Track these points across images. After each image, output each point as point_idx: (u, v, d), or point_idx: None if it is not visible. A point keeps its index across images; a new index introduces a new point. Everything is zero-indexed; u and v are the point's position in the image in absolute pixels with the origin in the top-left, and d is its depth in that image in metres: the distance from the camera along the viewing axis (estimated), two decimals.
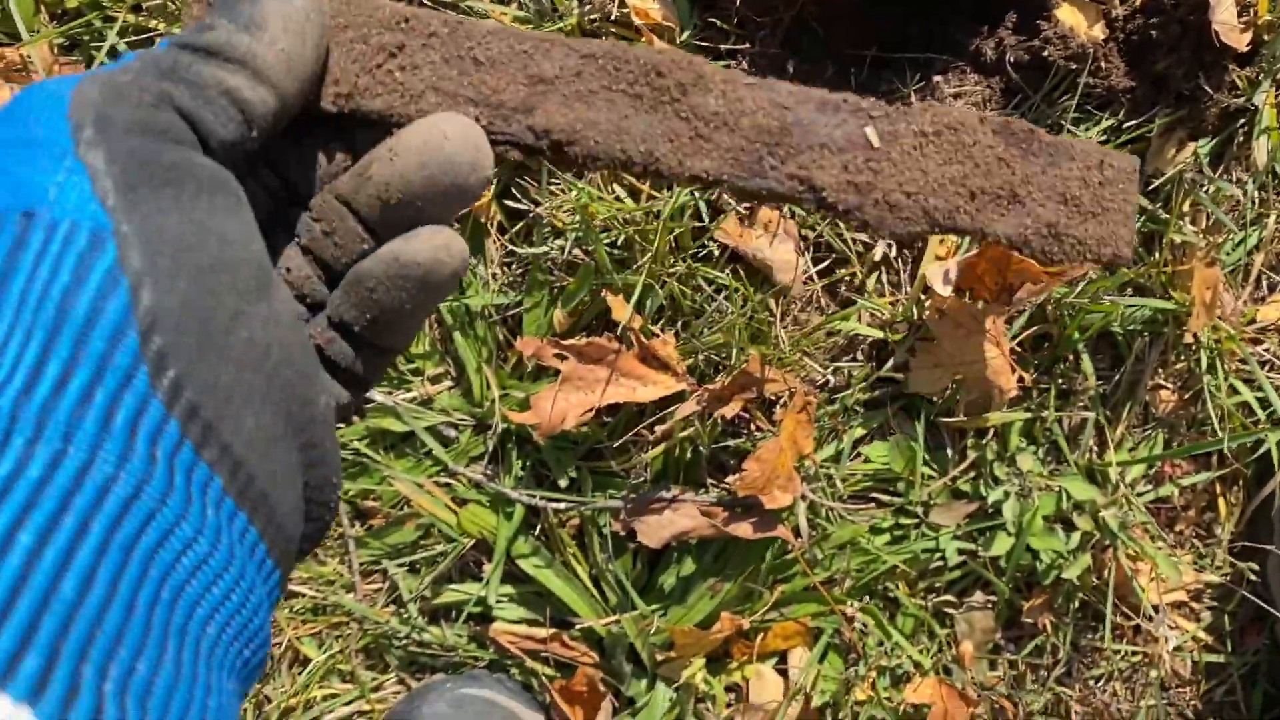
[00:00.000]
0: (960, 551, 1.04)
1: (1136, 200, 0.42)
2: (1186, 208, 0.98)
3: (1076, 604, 1.05)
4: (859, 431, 1.04)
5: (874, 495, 1.06)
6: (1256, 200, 1.00)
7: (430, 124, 0.37)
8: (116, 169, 0.30)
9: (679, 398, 1.01)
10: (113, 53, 1.01)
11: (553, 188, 0.99)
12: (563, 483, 1.02)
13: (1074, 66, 0.95)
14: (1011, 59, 0.97)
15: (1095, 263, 0.42)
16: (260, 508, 0.32)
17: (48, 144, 0.31)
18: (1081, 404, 1.04)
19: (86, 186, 0.30)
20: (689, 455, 1.04)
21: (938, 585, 1.07)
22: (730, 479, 1.02)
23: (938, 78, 1.00)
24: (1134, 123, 0.97)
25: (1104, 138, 0.97)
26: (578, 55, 0.40)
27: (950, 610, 1.07)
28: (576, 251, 1.00)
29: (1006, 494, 1.02)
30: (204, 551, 0.30)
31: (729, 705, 1.09)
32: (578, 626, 1.04)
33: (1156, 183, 0.97)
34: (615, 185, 1.00)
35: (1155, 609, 1.03)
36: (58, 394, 0.28)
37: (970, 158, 0.40)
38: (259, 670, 0.34)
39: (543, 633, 1.04)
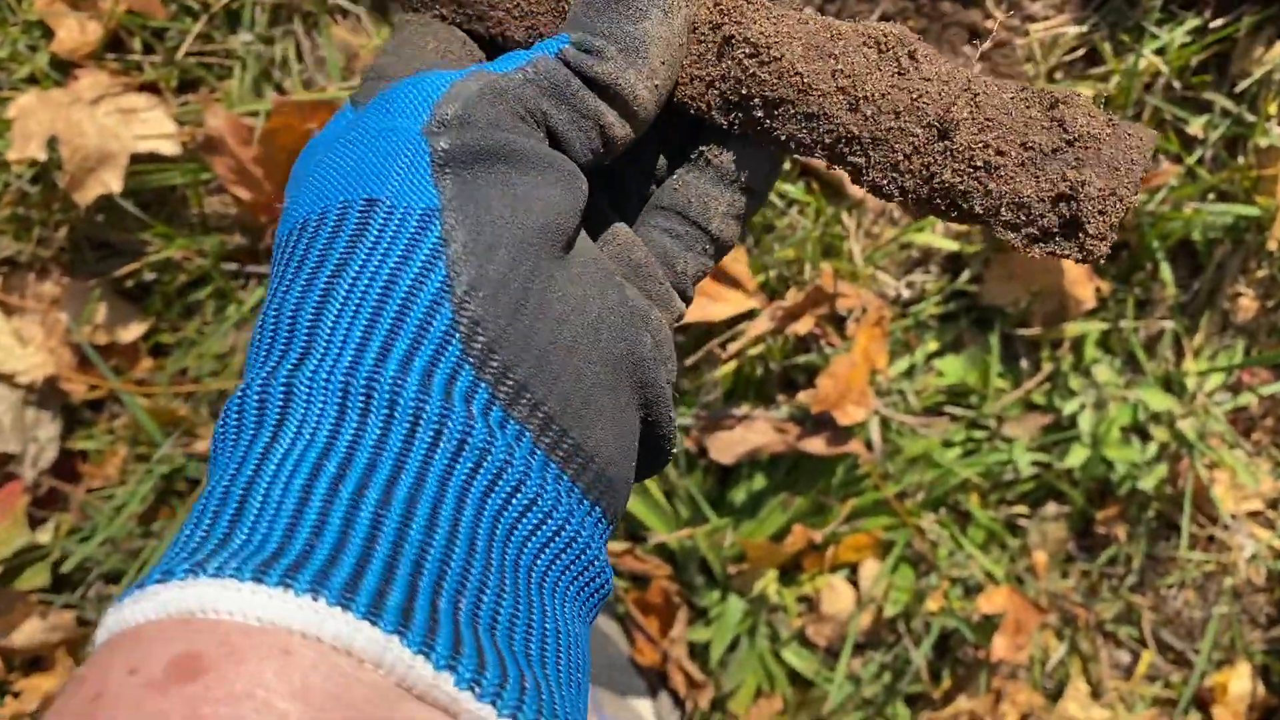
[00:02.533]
0: (1034, 464, 1.04)
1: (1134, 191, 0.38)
2: (1274, 110, 0.96)
3: (1151, 514, 1.05)
4: (932, 345, 1.04)
5: (947, 409, 1.06)
6: None
7: None
8: (459, 152, 0.33)
9: (750, 315, 1.01)
10: None
11: None
12: None
13: None
14: None
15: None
16: (575, 456, 0.34)
17: (405, 131, 0.34)
18: (1160, 314, 1.02)
19: (426, 171, 0.33)
20: (760, 372, 1.04)
21: (1009, 498, 1.07)
22: (802, 395, 1.02)
23: None
24: (1220, 22, 0.94)
25: (1188, 39, 0.94)
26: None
27: (1022, 522, 1.08)
28: None
29: (1082, 405, 1.01)
30: (531, 494, 0.32)
31: (800, 615, 1.10)
32: (651, 541, 1.06)
33: (1244, 84, 0.94)
34: None
35: (1232, 517, 1.03)
36: (379, 364, 0.31)
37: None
38: (602, 597, 0.36)
39: (618, 546, 1.06)
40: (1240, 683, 1.09)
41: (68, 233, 1.10)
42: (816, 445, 1.02)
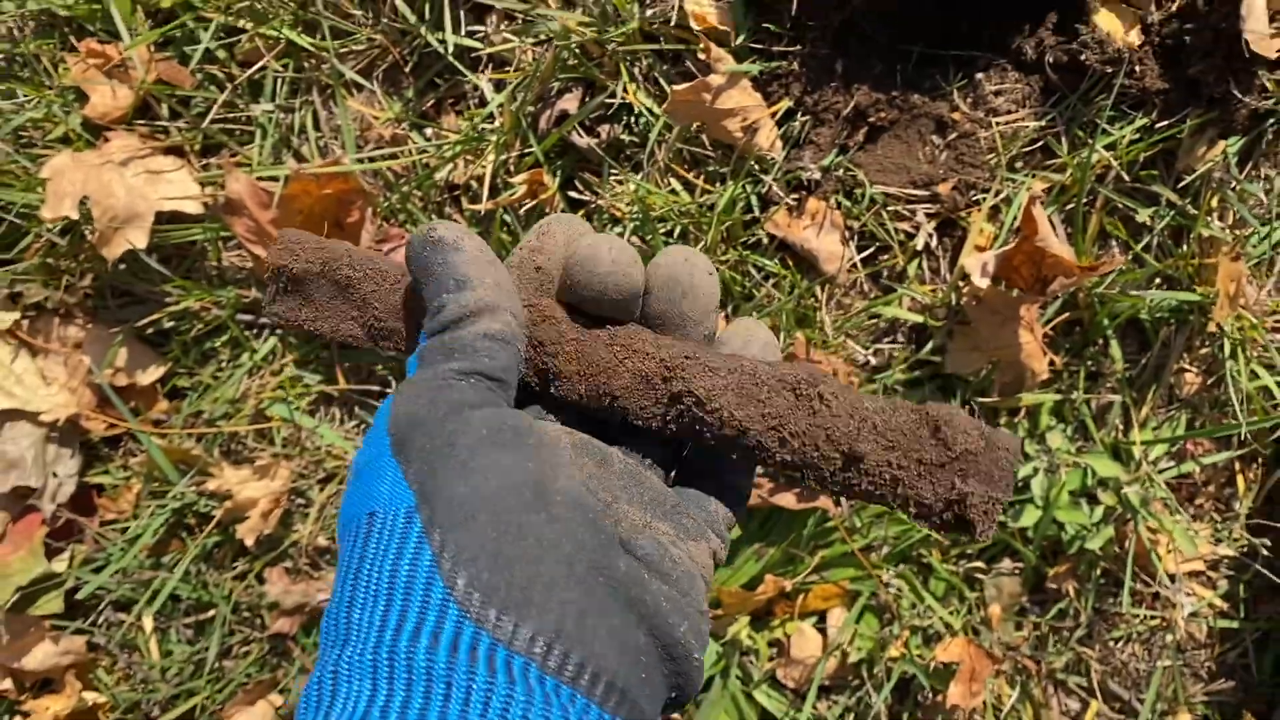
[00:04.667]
0: None
1: (999, 498, 0.47)
2: (1214, 204, 1.04)
3: (1099, 572, 1.13)
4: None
5: None
6: None
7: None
8: (416, 463, 0.41)
9: None
10: (207, 56, 1.09)
11: (613, 178, 1.06)
12: None
13: (1110, 69, 1.00)
14: (1050, 59, 1.02)
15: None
16: (582, 674, 0.39)
17: (380, 458, 0.42)
18: (1109, 386, 1.10)
19: (402, 483, 0.41)
20: None
21: (968, 553, 1.14)
22: None
23: (979, 75, 1.05)
24: (1166, 123, 1.02)
25: (1137, 136, 1.02)
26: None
27: (979, 576, 1.15)
28: (634, 240, 1.07)
29: (1036, 469, 1.09)
30: (540, 716, 0.37)
31: (771, 659, 1.17)
32: None
33: (1187, 180, 1.02)
34: (671, 179, 1.06)
35: (1171, 577, 1.10)
36: (395, 639, 0.38)
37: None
38: None
39: None
40: None
41: (92, 281, 1.17)
42: (788, 500, 1.09)
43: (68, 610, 1.22)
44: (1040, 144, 1.06)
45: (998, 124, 1.05)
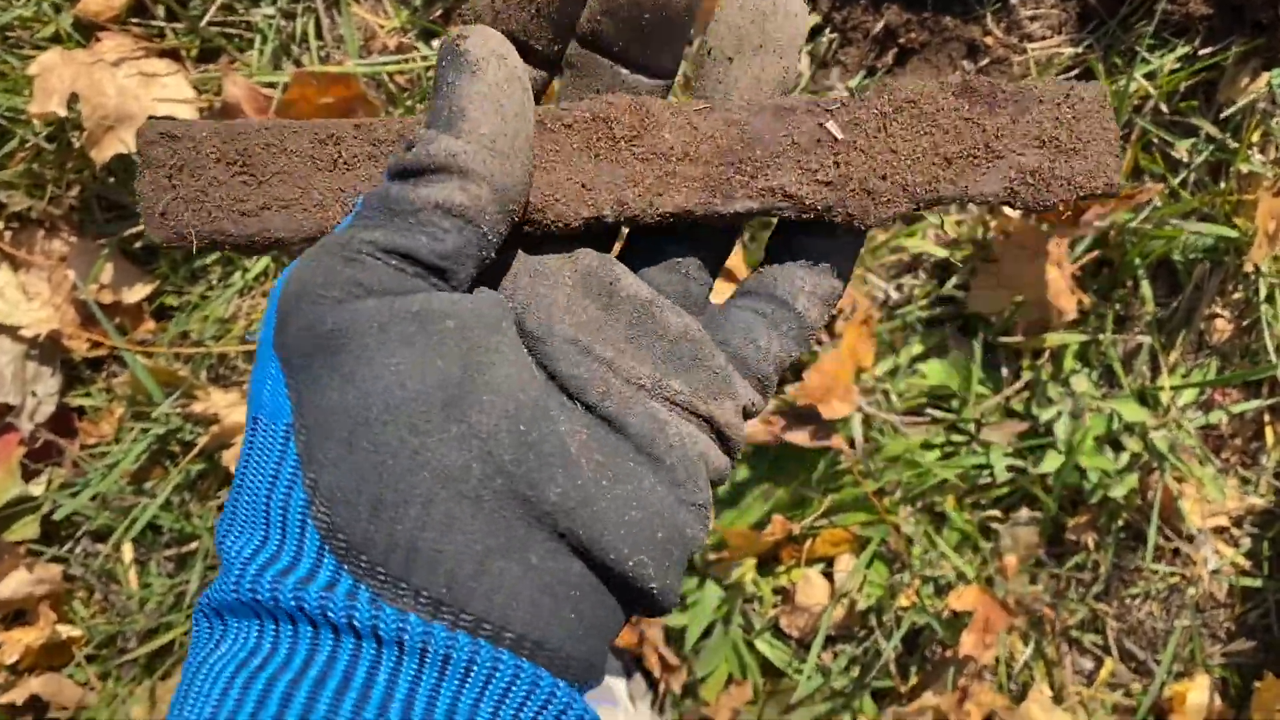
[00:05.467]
0: (1010, 468, 1.07)
1: (1115, 126, 0.41)
2: (1256, 138, 0.99)
3: (1120, 523, 1.08)
4: (917, 348, 1.07)
5: (928, 411, 1.09)
6: None
7: None
8: (297, 364, 0.34)
9: None
10: None
11: None
12: None
13: None
14: None
15: (1089, 197, 0.41)
16: (480, 628, 0.33)
17: (264, 345, 0.35)
18: (1138, 329, 1.06)
19: (280, 387, 0.34)
20: None
21: (984, 501, 1.10)
22: (789, 388, 1.05)
23: (1014, 0, 1.01)
24: (1209, 50, 0.98)
25: (1178, 65, 0.98)
26: None
27: (995, 525, 1.11)
28: None
29: (1059, 414, 1.04)
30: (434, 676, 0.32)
31: (775, 606, 1.13)
32: None
33: (1228, 111, 0.98)
34: (685, 94, 1.02)
35: (1198, 531, 1.06)
36: (280, 576, 0.33)
37: (937, 126, 0.40)
38: None
39: None
40: (1198, 694, 1.12)
41: (79, 192, 1.12)
42: (801, 438, 1.05)
43: (43, 538, 1.17)
44: (1075, 72, 1.01)
45: (1032, 50, 1.00)
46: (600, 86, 0.40)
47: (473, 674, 0.32)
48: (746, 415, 0.41)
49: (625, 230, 0.43)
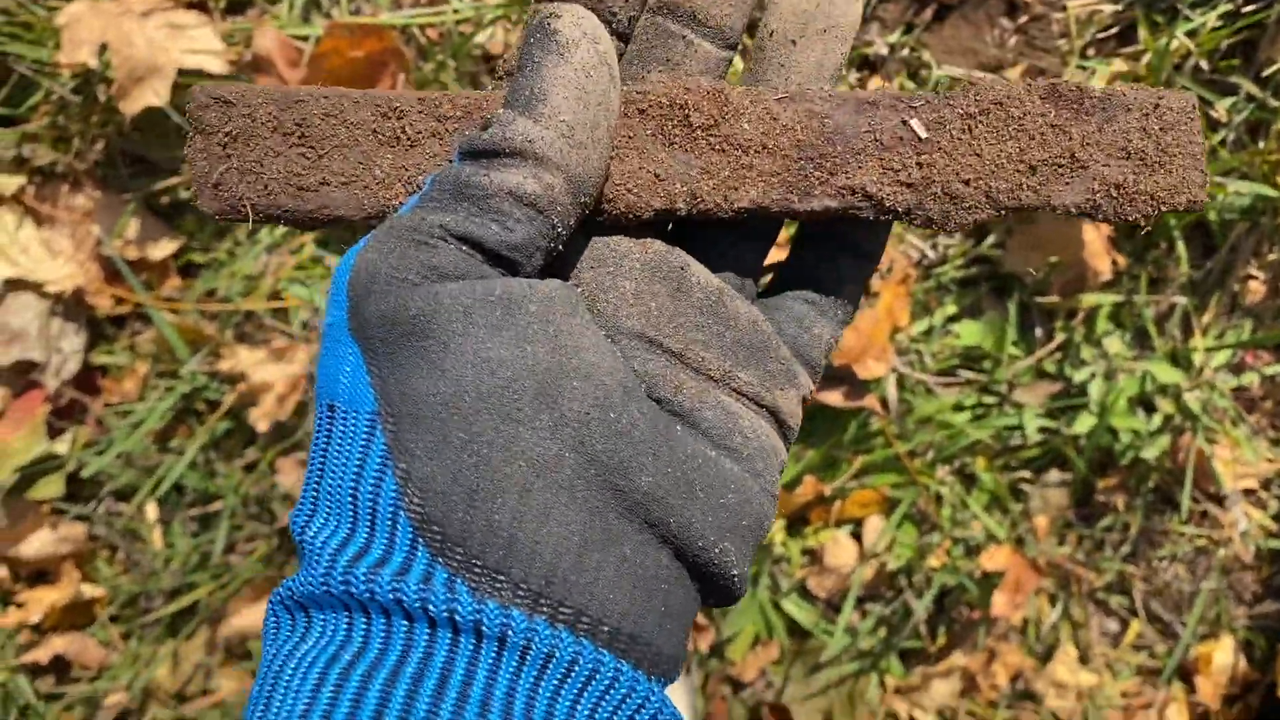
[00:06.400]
0: (1041, 429, 1.07)
1: (1202, 140, 0.40)
2: None
3: (1150, 485, 1.09)
4: (951, 309, 1.06)
5: (961, 372, 1.09)
6: None
7: None
8: (379, 351, 0.33)
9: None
10: None
11: None
12: None
13: None
14: None
15: (1172, 211, 0.40)
16: (580, 620, 0.32)
17: (337, 329, 0.34)
18: (1171, 290, 1.06)
19: (362, 373, 0.33)
20: None
21: (1014, 463, 1.10)
22: None
23: None
24: (1252, 8, 0.97)
25: (1220, 23, 0.97)
26: None
27: (1026, 486, 1.11)
28: None
29: (1092, 375, 1.04)
30: (538, 662, 0.32)
31: (803, 568, 1.13)
32: None
33: (1270, 70, 0.97)
34: None
35: (1230, 492, 1.06)
36: (375, 569, 0.31)
37: (1023, 130, 0.38)
38: None
39: None
40: (1223, 655, 1.12)
41: (104, 146, 1.11)
42: (834, 398, 1.04)
43: (67, 497, 1.17)
44: (1115, 30, 1.01)
45: (1073, 7, 1.00)
46: (670, 56, 0.39)
47: (573, 674, 0.31)
48: (803, 403, 0.41)
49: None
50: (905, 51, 1.00)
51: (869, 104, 0.38)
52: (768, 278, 0.43)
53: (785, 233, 0.93)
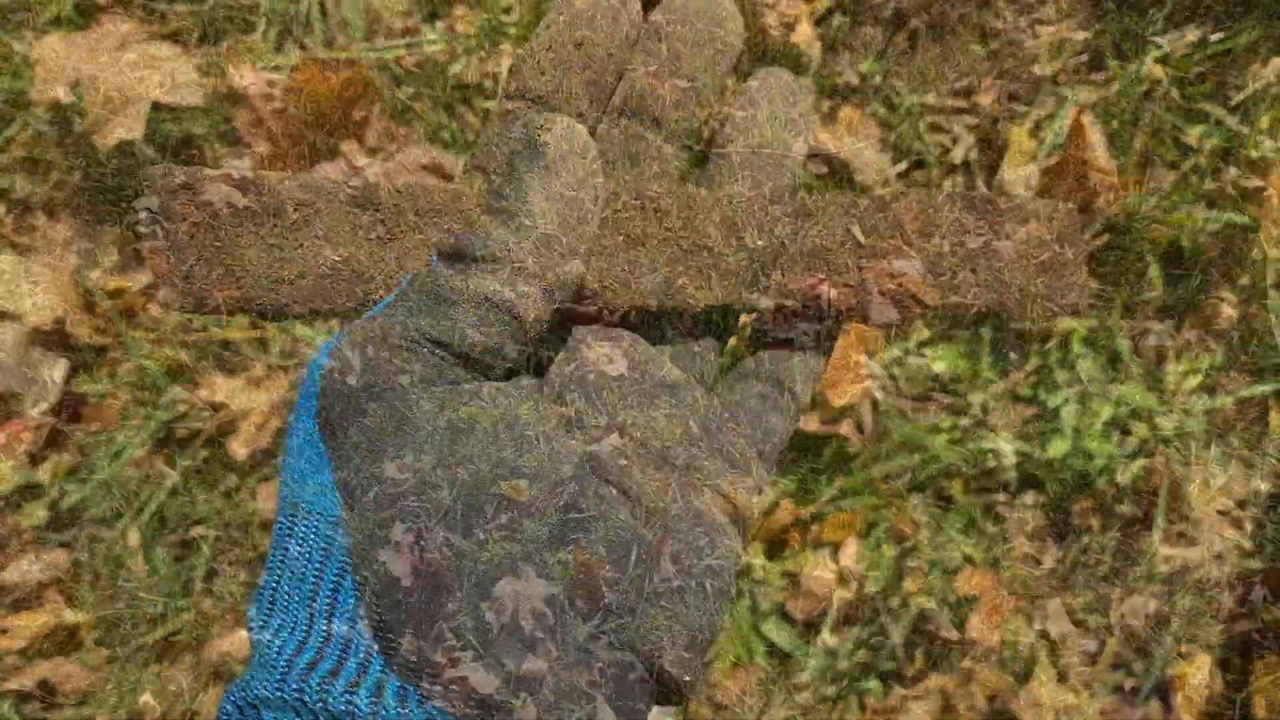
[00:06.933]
0: (1017, 453, 1.08)
1: (1085, 248, 0.43)
2: (1266, 124, 0.99)
3: (1125, 507, 1.09)
4: (925, 333, 1.07)
5: (935, 396, 1.09)
6: None
7: None
8: (346, 449, 0.33)
9: None
10: None
11: None
12: None
13: None
14: None
15: (1058, 314, 0.42)
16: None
17: (308, 432, 0.34)
18: (1146, 315, 1.06)
19: (327, 476, 0.33)
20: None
21: (990, 485, 1.11)
22: None
23: None
24: (1219, 36, 0.97)
25: (1189, 50, 0.98)
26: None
27: (1002, 509, 1.11)
28: None
29: (1067, 399, 1.05)
30: None
31: (783, 590, 1.14)
32: None
33: (1239, 96, 0.98)
34: None
35: (1203, 515, 1.07)
36: (328, 679, 0.31)
37: (942, 235, 0.40)
38: None
39: None
40: (1200, 674, 1.13)
41: (82, 177, 1.11)
42: (809, 423, 1.05)
43: (50, 524, 1.17)
44: (1086, 57, 1.01)
45: (1044, 33, 1.00)
46: (633, 157, 0.41)
47: None
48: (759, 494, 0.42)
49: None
50: (877, 79, 1.01)
51: (811, 214, 0.41)
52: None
53: None
